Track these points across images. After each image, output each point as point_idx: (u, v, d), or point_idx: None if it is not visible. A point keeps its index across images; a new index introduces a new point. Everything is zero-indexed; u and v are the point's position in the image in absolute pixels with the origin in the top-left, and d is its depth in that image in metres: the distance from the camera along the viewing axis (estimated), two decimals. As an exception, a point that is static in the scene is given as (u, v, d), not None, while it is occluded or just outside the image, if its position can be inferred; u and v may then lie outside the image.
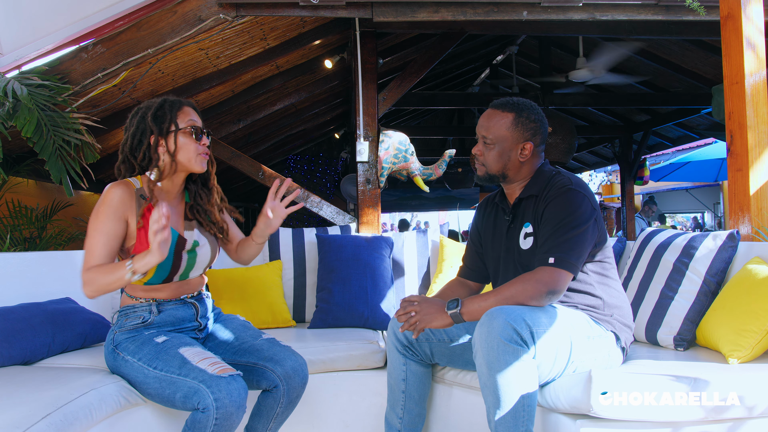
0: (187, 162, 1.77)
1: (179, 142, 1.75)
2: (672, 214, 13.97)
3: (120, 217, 1.68)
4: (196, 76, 3.77)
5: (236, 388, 1.56)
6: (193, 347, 1.69)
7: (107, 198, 1.68)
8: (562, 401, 1.58)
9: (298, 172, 9.26)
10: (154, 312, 1.77)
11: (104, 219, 1.66)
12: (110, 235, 1.67)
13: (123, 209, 1.69)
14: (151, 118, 1.74)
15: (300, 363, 1.83)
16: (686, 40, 4.99)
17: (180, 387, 1.58)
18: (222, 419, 1.52)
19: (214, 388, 1.54)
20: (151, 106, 1.77)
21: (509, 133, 1.79)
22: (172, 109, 1.76)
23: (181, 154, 1.76)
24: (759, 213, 2.21)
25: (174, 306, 1.81)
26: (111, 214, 1.67)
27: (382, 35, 4.47)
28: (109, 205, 1.67)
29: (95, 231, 1.66)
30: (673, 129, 7.61)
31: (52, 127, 2.68)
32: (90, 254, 1.65)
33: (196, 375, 1.57)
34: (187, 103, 1.82)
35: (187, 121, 1.77)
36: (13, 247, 3.24)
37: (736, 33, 2.27)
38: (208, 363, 1.62)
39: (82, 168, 2.91)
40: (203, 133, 1.79)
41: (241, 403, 1.56)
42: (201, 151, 1.78)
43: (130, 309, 1.77)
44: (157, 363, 1.64)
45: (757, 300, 1.74)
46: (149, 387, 1.65)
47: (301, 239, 2.86)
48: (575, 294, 1.77)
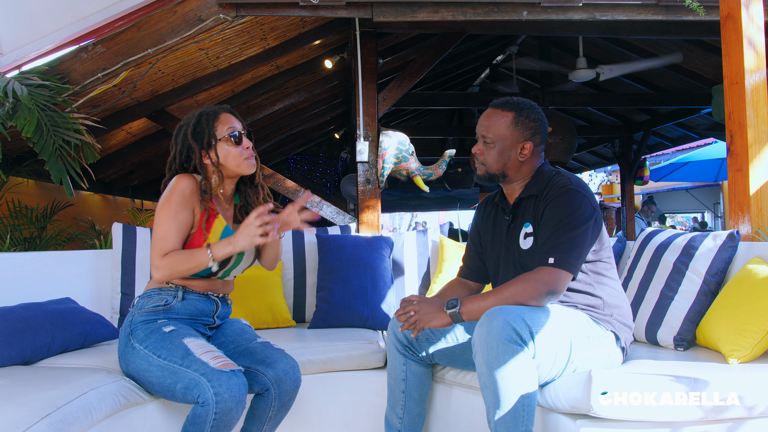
0: (236, 168, 1.84)
1: (222, 151, 1.82)
2: (672, 214, 13.97)
3: (190, 207, 1.78)
4: (196, 76, 3.77)
5: (236, 384, 1.57)
6: (197, 339, 1.71)
7: (179, 187, 1.76)
8: (562, 401, 1.58)
9: (298, 172, 9.26)
10: (178, 298, 1.80)
11: (177, 208, 1.75)
12: (182, 222, 1.76)
13: (192, 200, 1.78)
14: (191, 136, 1.81)
15: (291, 366, 1.82)
16: (686, 40, 4.98)
17: (181, 377, 1.60)
18: (221, 414, 1.53)
19: (214, 382, 1.55)
20: (189, 122, 1.84)
21: (509, 132, 1.79)
22: (209, 121, 1.82)
23: (228, 161, 1.83)
24: (759, 213, 2.21)
25: (198, 298, 1.85)
26: (183, 203, 1.76)
27: (382, 35, 4.47)
28: (181, 194, 1.75)
29: (168, 219, 1.74)
30: (673, 129, 7.61)
31: (52, 127, 2.69)
32: (164, 241, 1.73)
33: (198, 367, 1.59)
34: (223, 109, 1.87)
35: (225, 129, 1.82)
36: (13, 247, 3.24)
37: (736, 33, 2.27)
38: (211, 356, 1.63)
39: (82, 168, 2.91)
40: (243, 135, 1.84)
41: (240, 399, 1.57)
42: (246, 155, 1.83)
43: (155, 291, 1.82)
44: (162, 351, 1.66)
45: (757, 300, 1.74)
46: (152, 375, 1.67)
47: (301, 239, 2.86)
48: (575, 294, 1.77)
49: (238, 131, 1.83)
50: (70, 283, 2.49)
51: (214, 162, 1.81)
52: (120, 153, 4.62)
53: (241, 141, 1.83)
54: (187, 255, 1.72)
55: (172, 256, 1.72)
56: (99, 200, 5.45)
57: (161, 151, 5.17)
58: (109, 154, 4.51)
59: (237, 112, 1.91)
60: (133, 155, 4.87)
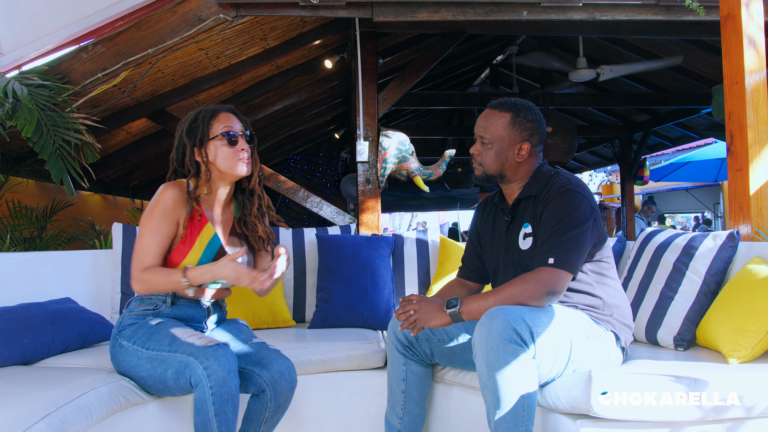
0: (228, 168, 1.79)
1: (214, 150, 1.78)
2: (672, 214, 13.97)
3: (173, 219, 1.75)
4: (196, 76, 3.78)
5: (223, 354, 1.58)
6: (184, 328, 1.72)
7: (162, 199, 1.73)
8: (562, 401, 1.58)
9: (298, 172, 9.26)
10: (167, 303, 1.80)
11: (159, 220, 1.72)
12: (164, 235, 1.73)
13: (176, 211, 1.75)
14: (185, 133, 1.79)
15: (287, 366, 1.79)
16: (686, 40, 4.98)
17: (170, 363, 1.61)
18: (217, 386, 1.54)
19: (201, 358, 1.56)
20: (188, 119, 1.82)
21: (506, 132, 1.79)
22: (205, 119, 1.79)
23: (219, 161, 1.78)
24: (759, 213, 2.21)
25: (188, 303, 1.84)
26: (165, 215, 1.73)
27: (382, 35, 4.47)
28: (164, 207, 1.73)
29: (151, 232, 1.72)
30: (673, 129, 7.61)
31: (52, 127, 2.69)
32: (145, 254, 1.71)
33: (185, 349, 1.60)
34: (225, 108, 1.83)
35: (221, 128, 1.79)
36: (13, 247, 3.24)
37: (736, 33, 2.27)
38: (197, 338, 1.65)
39: (82, 168, 2.91)
40: (240, 136, 1.80)
41: (230, 367, 1.58)
42: (240, 157, 1.79)
43: (146, 296, 1.81)
44: (149, 343, 1.67)
45: (757, 300, 1.74)
46: (142, 369, 1.68)
47: (301, 239, 2.86)
48: (575, 294, 1.77)
49: (235, 131, 1.79)
50: (70, 283, 2.49)
51: (204, 160, 1.78)
52: (120, 153, 4.63)
53: (237, 142, 1.79)
54: (164, 275, 1.70)
55: (151, 273, 1.70)
56: (99, 200, 5.45)
57: (161, 151, 5.17)
58: (109, 154, 4.51)
59: (242, 115, 1.87)
60: (133, 155, 4.88)
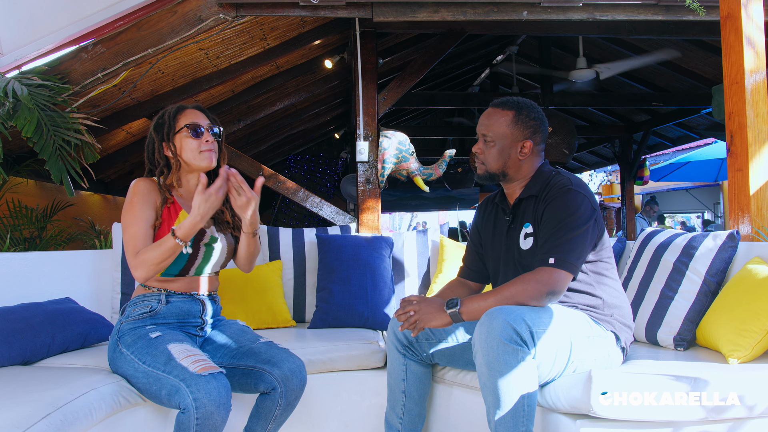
0: (192, 160, 1.86)
1: (179, 143, 1.85)
2: (672, 214, 13.96)
3: (152, 204, 1.81)
4: (196, 76, 3.77)
5: (216, 387, 1.56)
6: (182, 344, 1.71)
7: (137, 189, 1.81)
8: (562, 401, 1.58)
9: (298, 172, 9.25)
10: (162, 302, 1.81)
11: (140, 207, 1.79)
12: (148, 220, 1.79)
13: (152, 197, 1.82)
14: (153, 128, 1.87)
15: (298, 365, 1.83)
16: (686, 40, 4.98)
17: (164, 384, 1.60)
18: (203, 419, 1.52)
19: (193, 387, 1.54)
20: (156, 117, 1.90)
21: (509, 130, 1.80)
22: (171, 115, 1.87)
23: (184, 154, 1.86)
24: (759, 213, 2.21)
25: (182, 299, 1.85)
26: (144, 201, 1.80)
27: (382, 35, 4.47)
28: (141, 194, 1.80)
29: (135, 218, 1.77)
30: (673, 129, 7.61)
31: (52, 127, 2.68)
32: (135, 240, 1.75)
33: (178, 373, 1.59)
34: (191, 105, 1.91)
35: (186, 122, 1.85)
36: (13, 247, 3.23)
37: (736, 33, 2.27)
38: (191, 360, 1.62)
39: (82, 168, 2.91)
40: (205, 130, 1.85)
41: (221, 401, 1.55)
42: (203, 148, 1.85)
43: (140, 299, 1.83)
44: (146, 358, 1.67)
45: (757, 300, 1.74)
46: (139, 381, 1.68)
47: (301, 239, 2.86)
48: (575, 294, 1.77)
49: (199, 125, 1.85)
50: (70, 283, 2.49)
51: (173, 153, 1.85)
52: (120, 153, 4.62)
53: (202, 134, 1.85)
54: (156, 246, 1.72)
55: (145, 253, 1.73)
56: (99, 200, 5.45)
57: (161, 151, 5.15)
58: (109, 154, 4.51)
59: (210, 113, 1.93)
60: (133, 155, 4.87)
